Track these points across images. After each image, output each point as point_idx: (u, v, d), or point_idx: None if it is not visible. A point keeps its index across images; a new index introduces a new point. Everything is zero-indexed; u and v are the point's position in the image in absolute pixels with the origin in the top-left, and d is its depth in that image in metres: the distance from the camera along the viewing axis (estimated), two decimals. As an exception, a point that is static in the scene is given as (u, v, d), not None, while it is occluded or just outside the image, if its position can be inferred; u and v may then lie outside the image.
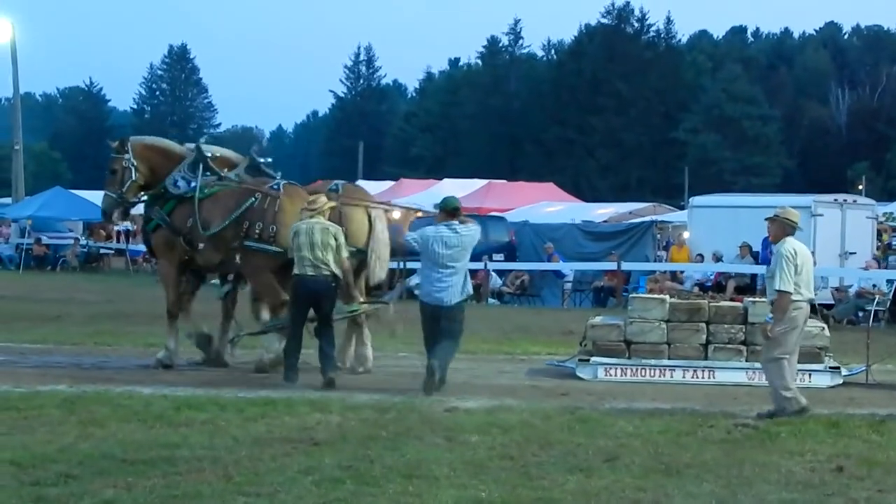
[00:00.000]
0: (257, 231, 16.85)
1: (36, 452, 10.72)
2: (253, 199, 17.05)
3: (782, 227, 14.12)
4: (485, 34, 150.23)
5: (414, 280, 21.68)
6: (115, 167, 17.86)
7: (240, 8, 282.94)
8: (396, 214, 19.32)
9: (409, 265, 20.71)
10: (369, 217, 17.45)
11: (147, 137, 19.07)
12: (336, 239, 15.88)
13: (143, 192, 18.02)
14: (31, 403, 13.33)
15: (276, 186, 17.33)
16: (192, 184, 17.53)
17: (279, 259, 16.77)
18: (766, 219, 14.54)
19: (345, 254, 16.02)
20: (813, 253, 16.62)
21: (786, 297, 13.72)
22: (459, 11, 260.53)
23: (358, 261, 17.09)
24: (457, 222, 15.95)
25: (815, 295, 15.55)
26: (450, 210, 16.23)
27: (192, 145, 18.47)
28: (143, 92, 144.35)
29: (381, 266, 17.37)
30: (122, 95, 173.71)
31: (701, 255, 33.47)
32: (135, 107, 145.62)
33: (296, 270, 15.89)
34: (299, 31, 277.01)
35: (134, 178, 17.75)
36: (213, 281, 19.16)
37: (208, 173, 17.72)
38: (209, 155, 17.98)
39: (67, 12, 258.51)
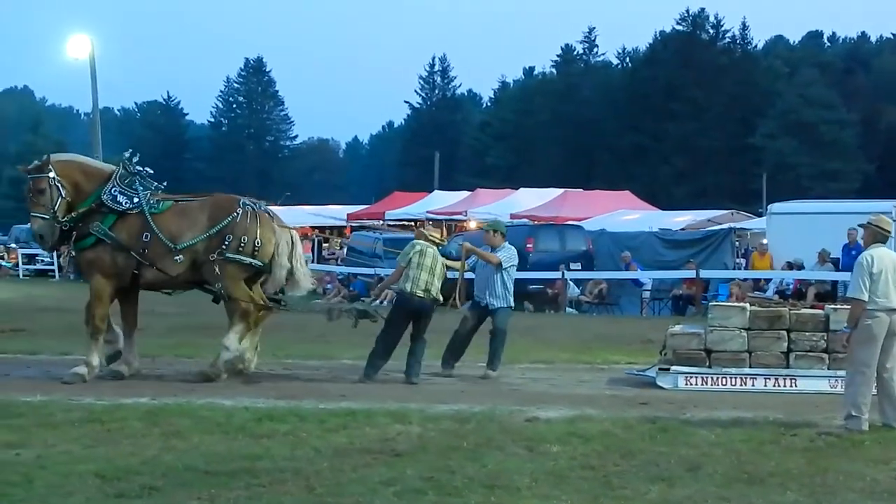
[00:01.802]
0: (241, 245, 17.32)
1: (119, 465, 10.82)
2: (235, 214, 17.42)
3: (872, 235, 14.00)
4: (559, 43, 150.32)
5: None
6: (42, 186, 17.36)
7: (315, 20, 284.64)
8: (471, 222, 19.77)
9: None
10: (291, 236, 18.05)
11: (64, 155, 18.88)
12: (444, 268, 17.91)
13: (72, 212, 17.50)
14: (113, 416, 13.43)
15: (247, 203, 17.77)
16: (136, 199, 17.49)
17: (253, 271, 17.66)
18: (860, 225, 14.49)
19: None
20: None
21: (856, 306, 13.60)
22: (533, 21, 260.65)
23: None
24: None
25: None
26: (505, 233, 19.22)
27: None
28: (220, 105, 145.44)
29: (305, 277, 18.24)
30: (200, 109, 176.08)
31: (789, 263, 33.02)
32: (212, 120, 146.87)
33: (406, 287, 17.36)
34: (374, 42, 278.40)
35: (63, 195, 17.39)
36: None
37: (142, 188, 17.67)
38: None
39: (145, 27, 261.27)
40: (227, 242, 17.27)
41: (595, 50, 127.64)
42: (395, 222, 55.65)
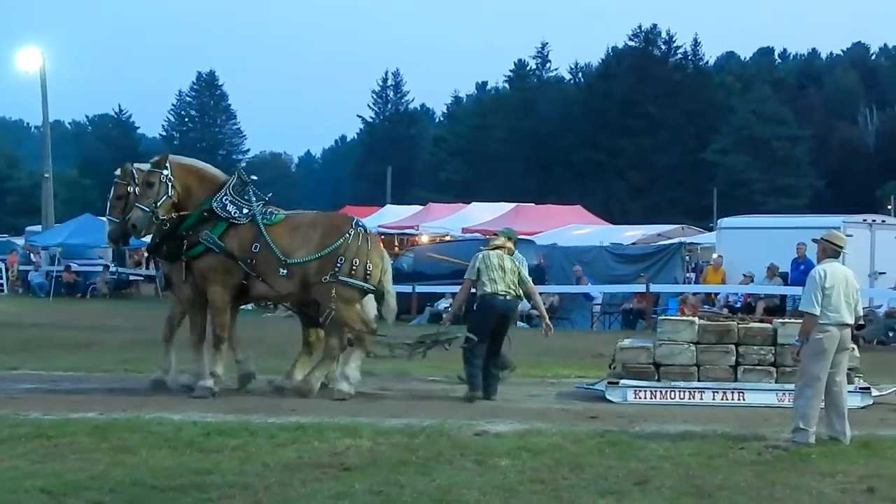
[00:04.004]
0: (353, 268, 17.17)
1: (67, 480, 10.74)
2: (347, 235, 17.25)
3: (824, 250, 14.12)
4: (511, 57, 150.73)
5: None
6: (153, 180, 17.41)
7: (267, 34, 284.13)
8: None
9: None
10: (382, 258, 17.84)
11: (184, 158, 18.76)
12: (520, 273, 17.88)
13: (174, 213, 17.50)
14: (62, 431, 13.35)
15: (359, 224, 17.71)
16: (245, 210, 17.49)
17: (364, 294, 17.52)
18: (813, 240, 14.66)
19: (530, 284, 18.18)
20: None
21: (808, 319, 13.70)
22: (485, 35, 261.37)
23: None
24: None
25: (861, 318, 15.43)
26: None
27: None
28: (173, 119, 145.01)
29: (392, 300, 17.99)
30: (152, 122, 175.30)
31: (751, 276, 33.14)
32: (164, 133, 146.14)
33: (488, 290, 17.30)
34: (327, 56, 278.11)
35: (170, 195, 17.38)
36: None
37: (254, 199, 17.71)
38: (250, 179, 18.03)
39: (96, 40, 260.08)
40: (339, 265, 17.12)
41: (548, 65, 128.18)
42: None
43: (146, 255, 56.16)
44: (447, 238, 47.29)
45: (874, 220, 33.37)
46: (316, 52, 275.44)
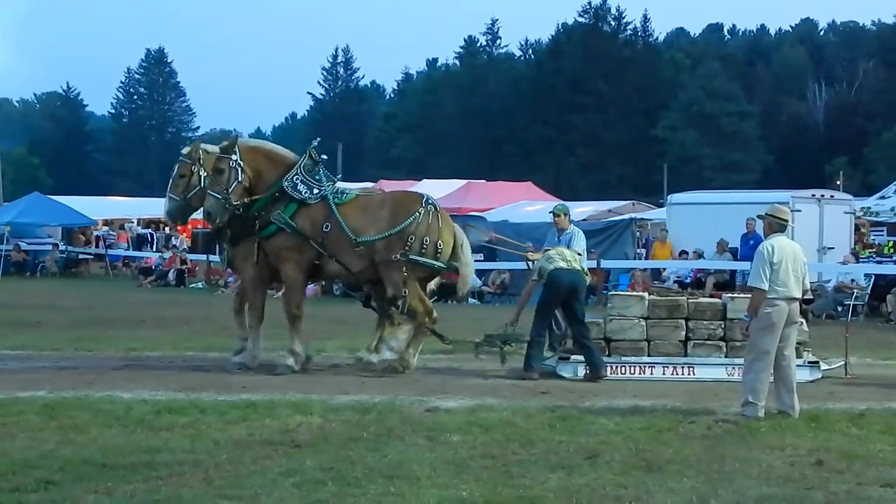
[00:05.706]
0: (424, 246, 17.30)
1: (16, 459, 10.70)
2: (417, 214, 17.35)
3: (770, 225, 14.18)
4: (462, 34, 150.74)
5: None
6: (222, 167, 17.40)
7: (217, 11, 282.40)
8: None
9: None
10: (455, 234, 17.91)
11: (252, 140, 18.86)
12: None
13: (247, 197, 17.50)
14: (10, 410, 13.29)
15: (430, 202, 17.77)
16: (316, 190, 17.52)
17: (430, 271, 17.71)
18: (758, 216, 14.70)
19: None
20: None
21: (757, 294, 13.78)
22: (436, 12, 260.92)
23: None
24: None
25: (808, 293, 15.51)
26: None
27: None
28: (121, 96, 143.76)
29: (468, 278, 18.37)
30: (100, 100, 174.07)
31: (686, 252, 33.46)
32: (113, 111, 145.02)
33: (551, 267, 17.28)
34: (276, 33, 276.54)
35: (240, 179, 17.35)
36: None
37: (324, 178, 17.75)
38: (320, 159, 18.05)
39: (43, 17, 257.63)
40: (409, 243, 17.21)
41: (498, 42, 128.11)
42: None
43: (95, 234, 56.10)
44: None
45: (822, 196, 33.57)
46: (266, 28, 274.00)
